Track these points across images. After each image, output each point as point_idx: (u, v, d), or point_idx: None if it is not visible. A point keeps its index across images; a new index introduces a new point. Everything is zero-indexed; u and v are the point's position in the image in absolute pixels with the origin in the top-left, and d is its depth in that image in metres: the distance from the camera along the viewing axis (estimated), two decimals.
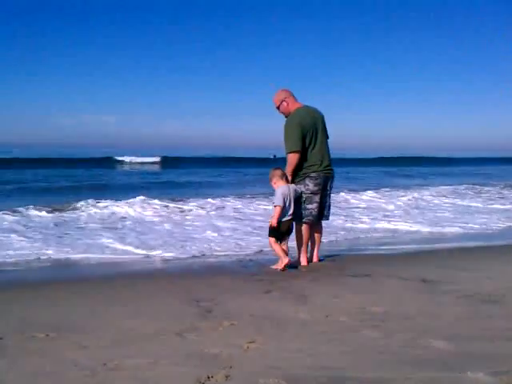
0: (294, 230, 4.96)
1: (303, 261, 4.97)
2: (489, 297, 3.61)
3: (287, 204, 4.72)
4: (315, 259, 5.09)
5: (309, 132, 4.82)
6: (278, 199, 4.66)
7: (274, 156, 6.53)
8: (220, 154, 35.39)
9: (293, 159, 4.79)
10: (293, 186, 4.86)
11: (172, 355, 2.50)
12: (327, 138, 5.09)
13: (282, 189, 4.73)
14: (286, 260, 4.66)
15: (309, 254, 5.06)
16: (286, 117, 4.98)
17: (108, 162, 30.90)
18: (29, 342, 2.70)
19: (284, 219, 4.77)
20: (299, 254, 4.99)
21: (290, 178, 4.87)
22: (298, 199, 4.86)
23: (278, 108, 5.02)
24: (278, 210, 4.68)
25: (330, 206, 5.15)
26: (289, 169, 4.85)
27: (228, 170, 25.67)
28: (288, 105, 4.96)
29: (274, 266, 4.77)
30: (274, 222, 4.70)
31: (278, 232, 4.78)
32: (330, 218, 5.27)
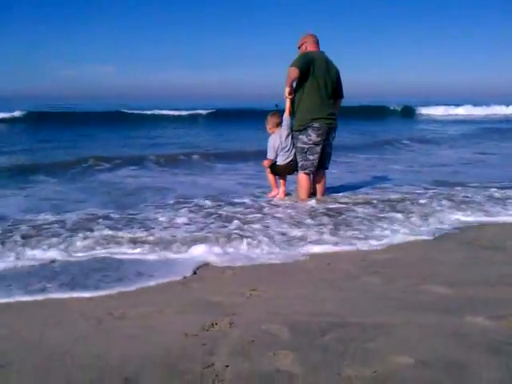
0: (298, 181, 4.99)
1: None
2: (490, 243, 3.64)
3: (284, 150, 4.86)
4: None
5: (316, 70, 4.76)
6: (269, 151, 4.91)
7: (277, 105, 6.37)
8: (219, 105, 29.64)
9: (292, 72, 4.70)
10: (284, 127, 4.88)
11: (177, 304, 2.55)
12: (341, 96, 5.09)
13: (272, 139, 4.87)
14: (273, 192, 5.04)
15: None
16: None
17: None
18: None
19: (281, 162, 4.90)
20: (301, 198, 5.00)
21: (287, 91, 4.77)
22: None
23: (299, 48, 5.04)
24: (268, 162, 4.93)
25: (330, 156, 5.13)
26: (287, 81, 4.76)
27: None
28: (306, 48, 4.98)
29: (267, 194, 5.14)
30: (266, 165, 4.98)
31: (280, 170, 5.00)
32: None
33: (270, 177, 5.06)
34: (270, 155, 4.89)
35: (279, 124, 4.89)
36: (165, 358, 1.93)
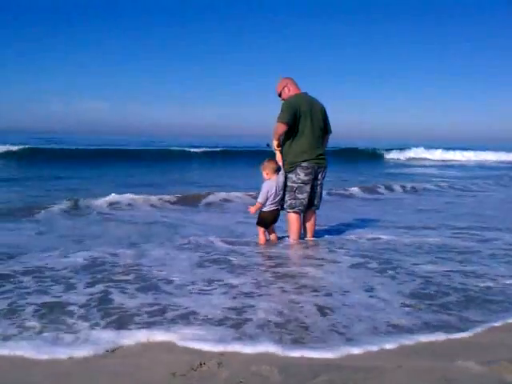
0: (287, 220, 4.99)
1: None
2: None
3: (272, 197, 4.82)
4: None
5: (303, 116, 4.81)
6: (261, 196, 4.81)
7: (268, 145, 6.47)
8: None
9: (279, 128, 4.78)
10: (281, 174, 4.90)
11: (165, 343, 2.50)
12: (329, 131, 5.15)
13: (268, 185, 4.82)
14: (260, 241, 4.91)
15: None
16: None
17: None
18: None
19: (267, 209, 4.85)
20: (292, 239, 5.00)
21: (275, 144, 4.89)
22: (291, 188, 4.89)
23: (280, 95, 5.07)
24: (258, 206, 4.83)
25: (321, 196, 5.16)
26: (275, 136, 4.86)
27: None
28: (289, 91, 5.02)
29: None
30: (253, 211, 4.87)
31: (265, 221, 4.91)
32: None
33: (260, 233, 4.95)
34: (261, 200, 4.80)
35: (276, 170, 4.86)
36: None
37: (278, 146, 4.91)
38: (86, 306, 2.97)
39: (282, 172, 4.91)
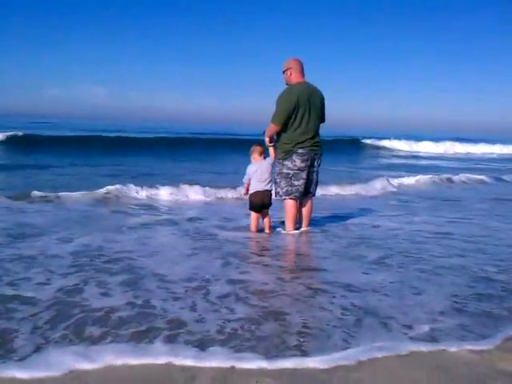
0: (284, 207, 4.99)
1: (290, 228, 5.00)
2: None
3: (256, 178, 4.92)
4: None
5: (301, 108, 4.82)
6: (245, 176, 5.02)
7: (264, 132, 6.39)
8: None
9: (271, 129, 4.94)
10: (268, 160, 5.01)
11: None
12: (323, 121, 5.15)
13: (250, 167, 4.99)
14: (251, 232, 4.95)
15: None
16: (287, 84, 5.02)
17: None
18: None
19: (252, 191, 4.93)
20: (287, 227, 5.00)
21: (267, 141, 5.03)
22: (286, 175, 4.88)
23: (284, 73, 5.07)
24: (245, 187, 5.06)
25: (316, 183, 5.16)
26: (267, 134, 5.01)
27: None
28: (290, 75, 5.00)
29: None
30: (243, 194, 5.16)
31: (254, 204, 4.94)
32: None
33: (252, 220, 4.99)
34: (244, 180, 5.03)
35: (261, 153, 5.04)
36: None
37: (269, 143, 5.06)
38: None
39: (268, 159, 5.03)
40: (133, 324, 2.49)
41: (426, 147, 28.22)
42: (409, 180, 10.35)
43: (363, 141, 26.85)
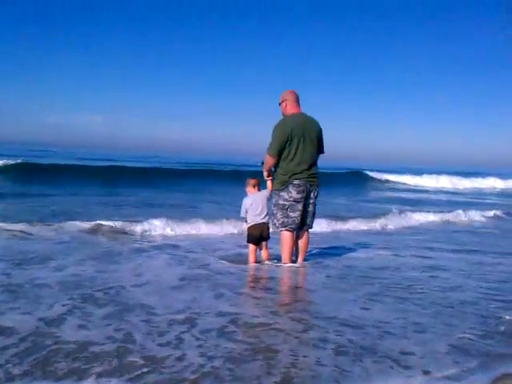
0: (280, 239, 4.85)
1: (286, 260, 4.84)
2: None
3: (252, 211, 4.90)
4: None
5: (294, 138, 4.77)
6: (242, 209, 5.02)
7: (262, 163, 6.36)
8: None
9: (268, 161, 4.89)
10: (264, 192, 4.99)
11: None
12: (321, 152, 5.08)
13: (245, 200, 5.00)
14: (249, 264, 4.88)
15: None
16: (283, 115, 4.99)
17: None
18: None
19: (250, 224, 4.90)
20: (283, 259, 4.84)
21: (265, 174, 5.00)
22: (282, 206, 4.76)
23: (280, 105, 5.05)
24: (244, 220, 5.06)
25: (313, 215, 5.02)
26: (265, 167, 4.97)
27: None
28: (286, 107, 4.96)
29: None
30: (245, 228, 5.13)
31: (251, 236, 4.89)
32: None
33: (250, 253, 4.91)
34: (241, 214, 5.01)
35: (255, 185, 5.03)
36: None
37: (267, 176, 5.02)
38: None
39: (264, 191, 5.00)
40: (105, 360, 2.29)
41: (428, 181, 28.43)
42: (427, 217, 9.85)
43: (368, 173, 27.01)
